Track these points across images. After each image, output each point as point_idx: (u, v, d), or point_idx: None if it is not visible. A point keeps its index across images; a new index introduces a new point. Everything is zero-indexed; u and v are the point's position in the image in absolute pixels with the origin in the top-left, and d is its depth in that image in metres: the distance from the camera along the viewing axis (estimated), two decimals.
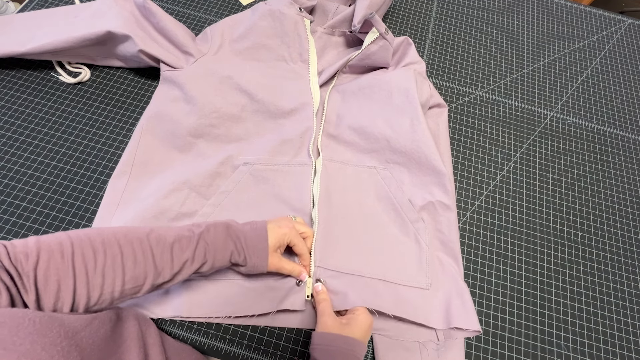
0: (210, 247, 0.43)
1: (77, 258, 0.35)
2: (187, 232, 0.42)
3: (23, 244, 0.34)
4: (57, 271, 0.33)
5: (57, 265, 0.33)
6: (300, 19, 0.68)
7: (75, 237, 0.36)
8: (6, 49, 0.62)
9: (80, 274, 0.34)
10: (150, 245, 0.39)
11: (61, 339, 0.25)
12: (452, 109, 0.72)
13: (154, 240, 0.40)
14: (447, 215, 0.57)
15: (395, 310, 0.50)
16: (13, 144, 0.60)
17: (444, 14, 0.85)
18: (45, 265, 0.33)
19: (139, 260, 0.38)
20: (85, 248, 0.35)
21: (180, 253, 0.41)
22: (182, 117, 0.60)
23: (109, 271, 0.36)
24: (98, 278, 0.35)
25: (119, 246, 0.37)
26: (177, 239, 0.41)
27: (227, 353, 0.49)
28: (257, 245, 0.45)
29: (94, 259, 0.36)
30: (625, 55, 0.84)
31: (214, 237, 0.43)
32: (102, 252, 0.36)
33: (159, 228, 0.42)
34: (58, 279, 0.33)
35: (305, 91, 0.65)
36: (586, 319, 0.56)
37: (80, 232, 0.37)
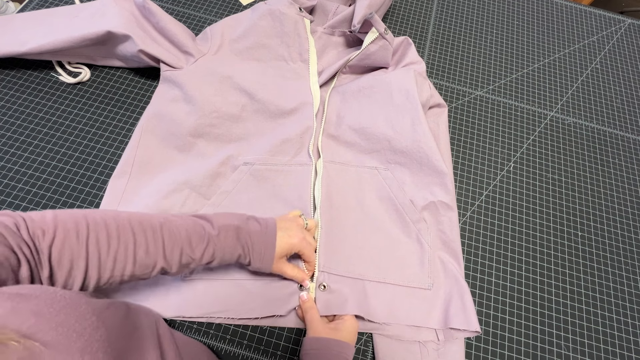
0: (219, 249, 0.43)
1: (92, 241, 0.36)
2: (199, 229, 0.43)
3: (41, 219, 0.35)
4: (71, 251, 0.35)
5: (72, 245, 0.35)
6: (300, 18, 0.68)
7: (91, 219, 0.37)
8: (6, 49, 0.62)
9: (92, 257, 0.36)
10: (162, 237, 0.40)
11: (90, 314, 0.25)
12: (452, 109, 0.72)
13: (166, 232, 0.40)
14: (449, 215, 0.57)
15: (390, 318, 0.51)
16: (13, 144, 0.60)
17: (444, 14, 0.85)
18: (60, 244, 0.34)
19: (151, 250, 0.39)
20: (100, 232, 0.37)
21: (190, 250, 0.42)
22: (182, 117, 0.60)
23: (120, 257, 0.37)
24: (109, 262, 0.37)
25: (132, 234, 0.38)
26: (188, 235, 0.42)
27: (227, 353, 0.49)
28: (263, 252, 0.46)
29: (107, 244, 0.37)
30: (625, 55, 0.84)
31: (224, 241, 0.44)
32: (115, 237, 0.37)
33: (173, 219, 0.42)
34: (71, 259, 0.35)
35: (305, 91, 0.65)
36: (586, 319, 0.56)
37: (97, 214, 0.38)
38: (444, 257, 0.56)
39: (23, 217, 0.34)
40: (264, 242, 0.46)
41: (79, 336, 0.23)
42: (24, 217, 0.34)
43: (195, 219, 0.44)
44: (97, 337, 0.24)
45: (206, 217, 0.45)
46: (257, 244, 0.45)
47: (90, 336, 0.24)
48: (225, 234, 0.44)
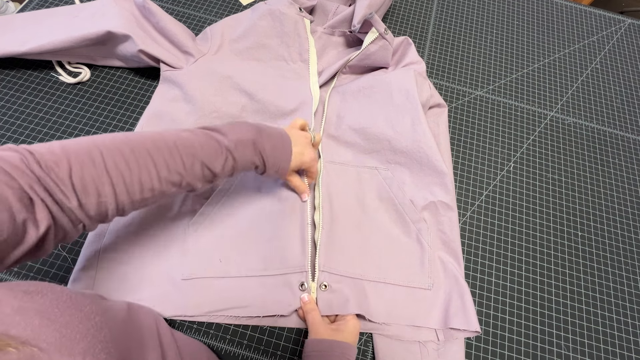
0: (237, 162, 0.44)
1: (110, 166, 0.34)
2: (214, 143, 0.42)
3: (49, 151, 0.32)
4: (92, 179, 0.33)
5: (91, 173, 0.33)
6: (300, 18, 0.68)
7: (102, 146, 0.35)
8: (6, 48, 0.62)
9: (118, 182, 0.34)
10: (180, 154, 0.39)
11: (94, 315, 0.25)
12: (452, 109, 0.72)
13: (182, 149, 0.39)
14: (449, 215, 0.57)
15: (390, 318, 0.51)
16: (13, 144, 0.60)
17: (444, 14, 0.85)
18: (79, 173, 0.32)
19: (172, 167, 0.38)
20: (116, 156, 0.35)
21: (210, 164, 0.41)
22: (182, 116, 0.60)
23: (145, 178, 0.36)
24: (136, 185, 0.36)
25: (149, 154, 0.37)
26: (204, 150, 0.41)
27: (227, 353, 0.49)
28: (279, 165, 0.48)
29: (128, 168, 0.35)
30: (625, 55, 0.84)
31: (242, 153, 0.44)
32: (134, 160, 0.36)
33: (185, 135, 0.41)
34: (96, 186, 0.33)
35: (305, 91, 0.65)
36: (586, 319, 0.56)
37: (106, 139, 0.36)
38: (444, 257, 0.56)
39: (29, 149, 0.31)
40: (280, 157, 0.48)
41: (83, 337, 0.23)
42: (29, 149, 0.31)
43: (208, 132, 0.43)
44: (100, 338, 0.24)
45: (219, 130, 0.44)
46: (272, 157, 0.47)
47: (94, 337, 0.24)
48: (243, 147, 0.44)
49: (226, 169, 0.43)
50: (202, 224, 0.55)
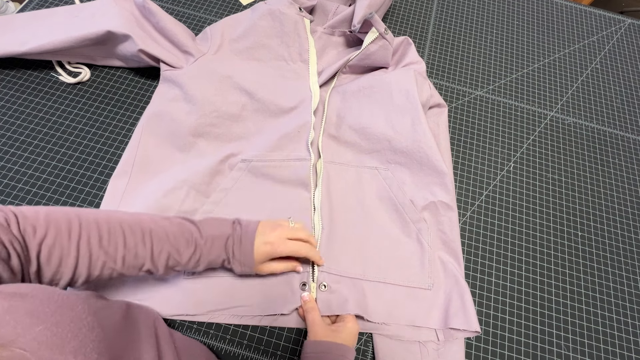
0: (205, 255, 0.45)
1: (83, 240, 0.37)
2: (187, 234, 0.44)
3: (34, 216, 0.35)
4: (61, 249, 0.35)
5: (63, 244, 0.36)
6: (300, 18, 0.68)
7: (84, 219, 0.38)
8: (6, 49, 0.62)
9: (83, 256, 0.37)
10: (151, 240, 0.41)
11: (86, 314, 0.26)
12: (452, 109, 0.72)
13: (155, 236, 0.42)
14: (449, 215, 0.57)
15: (390, 318, 0.51)
16: (13, 144, 0.60)
17: (444, 14, 0.85)
18: (51, 242, 0.35)
19: (139, 252, 0.41)
20: (92, 231, 0.38)
21: (178, 255, 0.43)
22: (182, 116, 0.60)
23: (110, 257, 0.39)
24: (99, 261, 0.38)
25: (123, 236, 0.40)
26: (177, 239, 0.43)
27: (227, 353, 0.49)
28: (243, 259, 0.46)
29: (99, 244, 0.38)
30: (625, 55, 0.84)
31: (210, 248, 0.45)
32: (106, 238, 0.38)
33: (162, 223, 0.43)
34: (61, 257, 0.35)
35: (305, 90, 0.65)
36: (586, 319, 0.56)
37: (90, 214, 0.39)
38: (444, 257, 0.56)
39: (15, 212, 0.35)
40: (242, 251, 0.46)
41: (74, 336, 0.24)
42: (15, 212, 0.35)
43: (185, 222, 0.45)
44: (92, 337, 0.25)
45: (195, 223, 0.46)
46: (237, 250, 0.46)
47: (85, 337, 0.24)
48: (212, 241, 0.45)
49: (192, 260, 0.44)
50: None
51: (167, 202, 0.54)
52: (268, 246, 0.47)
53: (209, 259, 0.45)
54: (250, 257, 0.46)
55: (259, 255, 0.46)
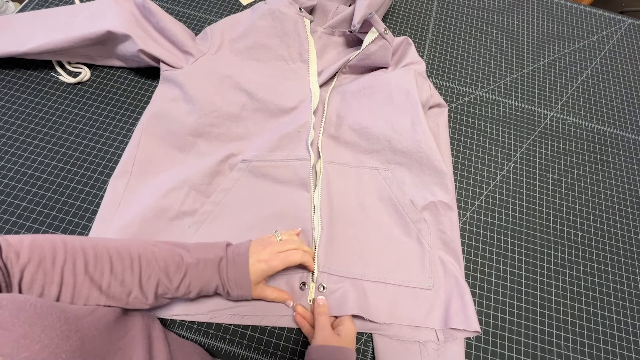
0: (196, 280, 0.43)
1: (67, 267, 0.35)
2: (177, 258, 0.42)
3: (18, 242, 0.34)
4: (44, 277, 0.34)
5: (46, 270, 0.34)
6: (300, 18, 0.68)
7: (70, 246, 0.36)
8: (6, 49, 0.62)
9: (67, 283, 0.35)
10: (140, 266, 0.40)
11: (60, 324, 0.25)
12: (452, 109, 0.72)
13: (144, 261, 0.40)
14: (449, 215, 0.57)
15: (390, 318, 0.51)
16: (13, 144, 0.60)
17: (444, 14, 0.85)
18: (34, 269, 0.34)
19: (127, 280, 0.39)
20: (77, 258, 0.36)
21: (167, 281, 0.41)
22: (182, 116, 0.60)
23: (95, 286, 0.37)
24: (84, 290, 0.36)
25: (110, 262, 0.38)
26: (166, 264, 0.41)
27: (227, 353, 0.49)
28: (239, 281, 0.45)
29: (84, 271, 0.36)
30: (625, 55, 0.84)
31: (202, 272, 0.43)
32: (92, 265, 0.37)
33: (151, 248, 0.42)
34: (43, 284, 0.34)
35: (304, 90, 0.65)
36: (586, 319, 0.56)
37: (76, 241, 0.38)
38: (444, 257, 0.56)
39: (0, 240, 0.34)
40: (237, 272, 0.45)
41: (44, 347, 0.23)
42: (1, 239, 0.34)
43: (174, 248, 0.44)
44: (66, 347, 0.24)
45: (185, 247, 0.44)
46: (232, 273, 0.45)
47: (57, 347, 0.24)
48: (203, 265, 0.43)
49: (182, 286, 0.42)
50: (202, 223, 0.55)
51: (167, 202, 0.54)
52: (262, 264, 0.46)
53: (201, 284, 0.43)
54: (245, 277, 0.45)
55: (254, 275, 0.45)
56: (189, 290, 0.43)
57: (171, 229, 0.54)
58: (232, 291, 0.45)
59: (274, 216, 0.56)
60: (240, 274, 0.45)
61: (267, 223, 0.55)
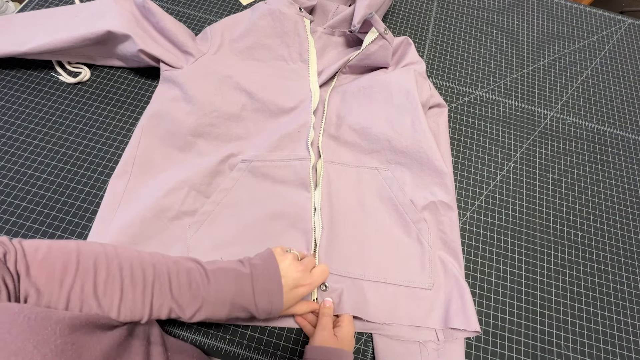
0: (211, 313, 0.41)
1: (75, 290, 0.34)
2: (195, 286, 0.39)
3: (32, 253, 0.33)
4: (49, 298, 0.33)
5: (52, 293, 0.33)
6: (300, 18, 0.68)
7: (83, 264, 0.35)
8: (6, 49, 0.62)
9: (73, 306, 0.34)
10: (152, 293, 0.38)
11: (55, 337, 0.24)
12: (452, 109, 0.72)
13: (157, 288, 0.38)
14: (449, 215, 0.57)
15: (390, 318, 0.51)
16: (13, 144, 0.60)
17: (444, 14, 0.85)
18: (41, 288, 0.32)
19: (137, 308, 0.37)
20: (86, 281, 0.34)
21: (180, 310, 0.39)
22: (182, 116, 0.60)
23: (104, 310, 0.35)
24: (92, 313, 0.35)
25: (120, 289, 0.36)
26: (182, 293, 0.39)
27: (227, 353, 0.49)
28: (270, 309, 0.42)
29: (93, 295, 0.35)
30: (625, 55, 0.84)
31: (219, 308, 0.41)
32: (102, 289, 0.35)
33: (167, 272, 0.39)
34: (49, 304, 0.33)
35: (304, 90, 0.65)
36: (586, 319, 0.56)
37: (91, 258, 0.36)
38: (444, 257, 0.56)
39: (15, 246, 0.33)
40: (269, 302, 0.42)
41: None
42: (16, 246, 0.33)
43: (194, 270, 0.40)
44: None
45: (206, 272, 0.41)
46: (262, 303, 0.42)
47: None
48: (222, 301, 0.40)
49: (197, 316, 0.40)
50: (203, 223, 0.55)
51: (167, 202, 0.54)
52: (301, 290, 0.44)
53: (218, 317, 0.41)
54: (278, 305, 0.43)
55: (289, 302, 0.44)
56: (204, 319, 0.41)
57: (171, 229, 0.54)
58: (260, 316, 0.43)
59: (274, 216, 0.56)
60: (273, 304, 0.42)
61: (267, 223, 0.55)
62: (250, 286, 0.41)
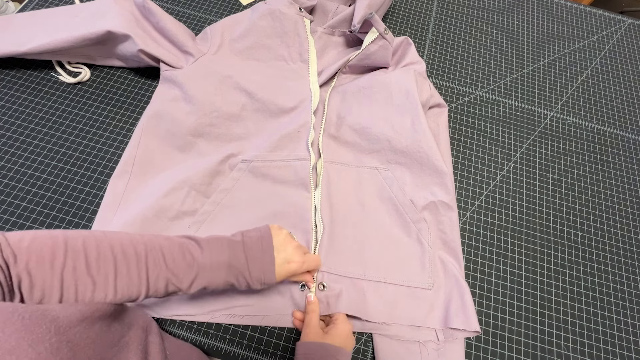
0: (208, 281, 0.41)
1: (67, 269, 0.34)
2: (189, 257, 0.40)
3: (17, 242, 0.33)
4: (43, 282, 0.33)
5: (44, 276, 0.33)
6: (300, 18, 0.68)
7: (71, 245, 0.35)
8: (6, 49, 0.62)
9: (68, 286, 0.34)
10: (147, 266, 0.38)
11: (50, 335, 0.24)
12: (452, 109, 0.72)
13: (151, 261, 0.38)
14: (449, 215, 0.57)
15: (390, 318, 0.51)
16: (13, 144, 0.60)
17: (444, 14, 0.85)
18: (33, 272, 0.32)
19: (133, 281, 0.37)
20: (77, 260, 0.34)
21: (177, 281, 0.40)
22: (182, 116, 0.60)
23: (100, 287, 0.35)
24: (88, 291, 0.35)
25: (114, 263, 0.36)
26: (176, 264, 0.39)
27: (227, 353, 0.49)
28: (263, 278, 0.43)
29: (86, 272, 0.34)
30: (625, 55, 0.84)
31: (216, 273, 0.41)
32: (95, 267, 0.35)
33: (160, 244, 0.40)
34: (43, 289, 0.33)
35: (304, 89, 0.65)
36: (586, 319, 0.56)
37: (79, 239, 0.36)
38: (444, 257, 0.56)
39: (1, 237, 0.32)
40: (262, 270, 0.43)
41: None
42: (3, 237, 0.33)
43: (186, 244, 0.41)
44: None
45: (198, 243, 0.42)
46: (255, 271, 0.43)
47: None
48: (217, 266, 0.41)
49: (194, 286, 0.41)
50: (203, 223, 0.55)
51: (168, 202, 0.54)
52: (292, 266, 0.45)
53: (215, 284, 0.42)
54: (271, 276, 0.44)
55: (280, 276, 0.45)
56: (202, 289, 0.42)
57: (171, 229, 0.54)
58: (254, 285, 0.44)
59: (274, 216, 0.56)
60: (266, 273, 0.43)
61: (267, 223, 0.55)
62: (242, 252, 0.42)
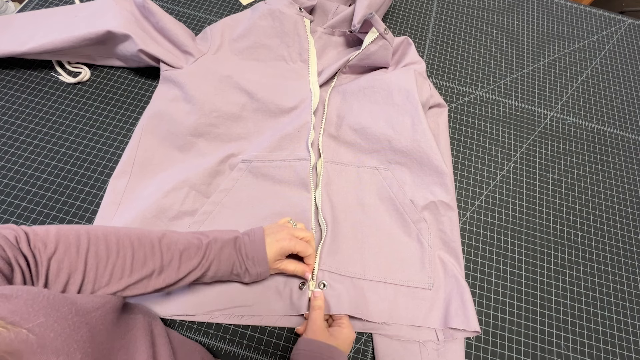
0: (215, 260, 0.45)
1: (91, 254, 0.37)
2: (196, 241, 0.44)
3: (44, 233, 0.36)
4: (69, 264, 0.36)
5: (71, 258, 0.36)
6: (300, 18, 0.68)
7: (93, 234, 0.38)
8: (6, 48, 0.62)
9: (90, 270, 0.37)
10: (161, 250, 0.41)
11: (72, 315, 0.26)
12: (452, 109, 0.72)
13: (165, 245, 0.42)
14: (449, 215, 0.57)
15: (390, 318, 0.51)
16: (13, 143, 0.60)
17: (444, 14, 0.85)
18: (60, 257, 0.35)
19: (149, 264, 0.40)
20: (99, 245, 0.38)
21: (188, 260, 0.43)
22: (182, 116, 0.60)
23: (117, 270, 0.38)
24: (106, 276, 0.38)
25: (131, 248, 0.40)
26: (186, 246, 0.43)
27: (227, 353, 0.49)
28: (256, 258, 0.47)
29: (107, 257, 0.38)
30: (625, 55, 0.84)
31: (220, 251, 0.45)
32: (115, 251, 0.39)
33: (171, 234, 0.44)
34: (69, 272, 0.35)
35: (304, 89, 0.65)
36: (586, 319, 0.56)
37: (99, 229, 0.40)
38: (444, 257, 0.56)
39: (26, 231, 0.35)
40: (255, 249, 0.47)
41: (57, 336, 0.24)
42: (27, 231, 0.35)
43: (193, 233, 0.46)
44: (77, 337, 0.25)
45: (203, 232, 0.47)
46: (250, 252, 0.47)
47: (69, 337, 0.25)
48: (221, 243, 0.45)
49: (203, 264, 0.44)
50: (203, 223, 0.55)
51: (167, 202, 0.54)
52: (281, 242, 0.48)
53: (219, 263, 0.45)
54: (263, 254, 0.47)
55: (271, 252, 0.47)
56: (208, 270, 0.44)
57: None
58: (251, 269, 0.47)
59: (275, 216, 0.56)
60: (257, 252, 0.47)
61: (267, 223, 0.55)
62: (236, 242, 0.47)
